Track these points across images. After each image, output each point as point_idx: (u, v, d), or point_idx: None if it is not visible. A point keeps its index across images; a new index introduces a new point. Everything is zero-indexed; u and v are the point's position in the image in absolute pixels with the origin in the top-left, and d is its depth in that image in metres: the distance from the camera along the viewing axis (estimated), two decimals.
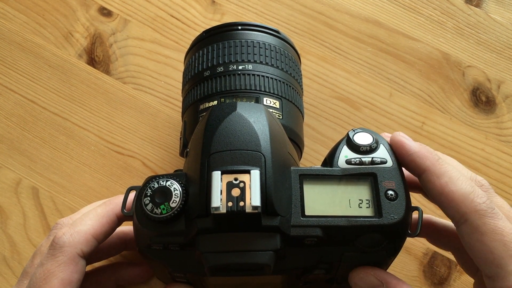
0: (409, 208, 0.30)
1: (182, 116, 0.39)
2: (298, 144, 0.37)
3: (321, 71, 0.49)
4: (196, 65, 0.38)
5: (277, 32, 0.40)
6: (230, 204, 0.27)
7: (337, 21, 0.52)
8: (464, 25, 0.52)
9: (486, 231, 0.28)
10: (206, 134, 0.30)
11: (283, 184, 0.30)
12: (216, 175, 0.28)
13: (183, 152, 0.36)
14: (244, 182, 0.28)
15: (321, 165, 0.33)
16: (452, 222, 0.31)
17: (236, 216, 0.27)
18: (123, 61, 0.50)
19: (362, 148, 0.31)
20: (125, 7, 0.53)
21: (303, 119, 0.40)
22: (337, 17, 0.52)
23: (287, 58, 0.39)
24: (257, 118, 0.31)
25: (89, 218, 0.33)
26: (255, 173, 0.28)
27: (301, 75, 0.42)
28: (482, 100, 0.48)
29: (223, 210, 0.27)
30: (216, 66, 0.37)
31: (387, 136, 0.33)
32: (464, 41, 0.51)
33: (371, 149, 0.31)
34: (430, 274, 0.41)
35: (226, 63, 0.37)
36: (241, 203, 0.27)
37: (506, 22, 0.52)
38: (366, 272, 0.31)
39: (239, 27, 0.39)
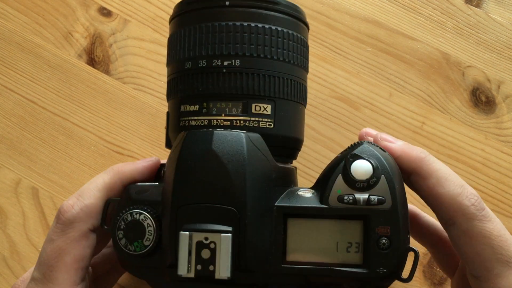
0: (404, 253, 0.28)
1: (168, 100, 0.36)
2: (292, 147, 0.34)
3: (321, 71, 0.49)
4: (178, 48, 0.33)
5: (275, 3, 0.32)
6: (199, 267, 0.26)
7: (337, 21, 0.52)
8: (464, 25, 0.52)
9: (474, 234, 0.28)
10: (176, 179, 0.28)
11: (262, 232, 0.28)
12: (184, 236, 0.26)
13: (168, 148, 0.34)
14: (215, 243, 0.26)
15: (313, 186, 0.30)
16: (441, 223, 0.30)
17: (205, 280, 0.26)
18: (123, 61, 0.50)
19: (358, 184, 0.28)
20: (125, 7, 0.53)
21: (305, 106, 0.36)
22: (337, 17, 0.52)
23: (287, 40, 0.32)
24: (235, 156, 0.28)
25: (97, 189, 0.31)
26: (226, 238, 0.26)
27: (308, 52, 0.35)
28: (482, 100, 0.48)
29: (191, 274, 0.26)
30: (198, 57, 0.31)
31: (384, 139, 0.31)
32: (464, 41, 0.51)
33: (368, 185, 0.28)
34: (430, 274, 0.41)
35: (209, 56, 0.31)
36: (211, 267, 0.26)
37: (506, 22, 0.52)
38: None
39: (227, 2, 0.31)
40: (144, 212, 0.28)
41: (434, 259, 0.37)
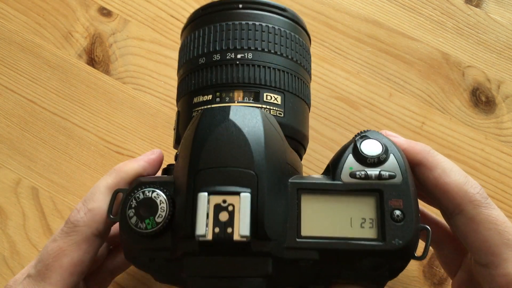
0: (417, 230, 0.28)
1: (177, 103, 0.37)
2: (301, 142, 0.35)
3: (321, 71, 0.49)
4: (192, 48, 0.35)
5: (284, 9, 0.35)
6: (216, 230, 0.25)
7: (336, 21, 0.52)
8: (464, 25, 0.52)
9: (481, 220, 0.29)
10: (195, 145, 0.28)
11: (278, 202, 0.28)
12: (203, 197, 0.26)
13: (177, 147, 0.34)
14: (233, 205, 0.26)
15: (323, 173, 0.31)
16: (446, 213, 0.31)
17: (223, 243, 0.26)
18: (123, 61, 0.50)
19: (369, 160, 0.29)
20: (125, 7, 0.53)
21: (309, 109, 0.37)
22: (336, 17, 0.52)
23: (293, 41, 0.35)
24: (252, 127, 0.28)
25: (101, 192, 0.31)
26: (245, 197, 0.26)
27: (310, 59, 0.38)
28: (482, 100, 0.48)
29: (208, 236, 0.25)
30: (212, 53, 0.33)
31: (389, 135, 0.32)
32: (464, 41, 0.51)
33: (379, 161, 0.29)
34: (430, 274, 0.41)
35: (223, 50, 0.33)
36: (229, 229, 0.25)
37: (506, 22, 0.52)
38: None
39: (240, 5, 0.34)
40: (157, 190, 0.28)
41: (437, 257, 0.37)
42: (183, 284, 0.29)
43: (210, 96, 0.32)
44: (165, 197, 0.28)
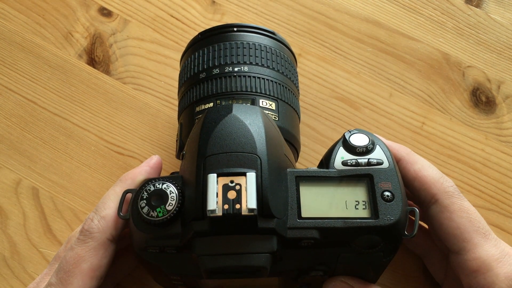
0: (406, 209, 0.30)
1: (178, 118, 0.39)
2: (294, 145, 0.37)
3: (321, 71, 0.49)
4: (192, 67, 0.38)
5: (273, 33, 0.40)
6: (226, 206, 0.27)
7: (337, 21, 0.52)
8: (464, 25, 0.52)
9: (454, 209, 0.32)
10: (202, 137, 0.30)
11: (279, 186, 0.30)
12: (212, 177, 0.28)
13: (179, 154, 0.36)
14: (240, 185, 0.28)
15: (317, 166, 0.33)
16: (423, 204, 0.34)
17: (232, 218, 0.27)
18: (123, 61, 0.50)
19: (358, 150, 0.32)
20: (125, 7, 0.53)
21: (299, 120, 0.40)
22: (337, 17, 0.52)
23: (283, 59, 0.39)
24: (253, 120, 0.31)
25: (111, 200, 0.33)
26: (251, 176, 0.28)
27: (297, 76, 0.42)
28: (482, 100, 0.48)
29: (219, 212, 0.27)
30: (212, 68, 0.37)
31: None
32: (464, 41, 0.51)
33: (367, 150, 0.32)
34: (430, 274, 0.41)
35: (221, 65, 0.37)
36: (237, 206, 0.27)
37: (506, 22, 0.52)
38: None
39: (235, 29, 0.39)
40: (167, 182, 0.30)
41: (427, 266, 0.39)
42: (192, 273, 0.30)
43: (211, 104, 0.35)
44: (174, 187, 0.30)
